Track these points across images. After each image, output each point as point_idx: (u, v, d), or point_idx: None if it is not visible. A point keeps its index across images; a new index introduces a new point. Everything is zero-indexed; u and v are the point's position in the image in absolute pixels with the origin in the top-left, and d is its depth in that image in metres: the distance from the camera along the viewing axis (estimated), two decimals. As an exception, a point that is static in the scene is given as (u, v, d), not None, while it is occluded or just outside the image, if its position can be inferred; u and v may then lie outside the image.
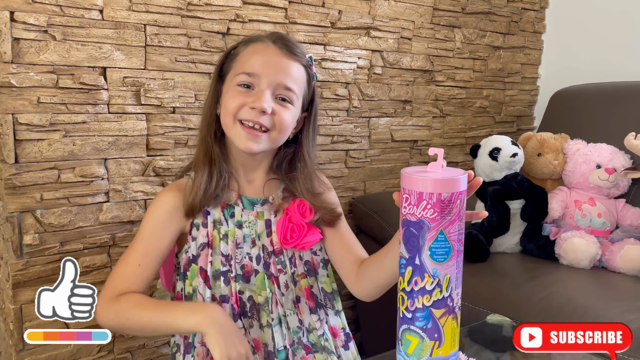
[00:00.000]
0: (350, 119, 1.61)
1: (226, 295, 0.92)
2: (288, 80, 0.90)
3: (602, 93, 1.76)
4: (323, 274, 0.99)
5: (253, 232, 0.94)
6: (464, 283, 1.29)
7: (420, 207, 0.58)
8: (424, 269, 0.59)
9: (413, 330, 0.61)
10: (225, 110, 0.90)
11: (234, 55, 0.93)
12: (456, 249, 0.60)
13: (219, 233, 0.93)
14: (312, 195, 0.96)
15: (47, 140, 1.12)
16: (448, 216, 0.58)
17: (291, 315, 0.95)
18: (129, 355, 1.29)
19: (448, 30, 1.80)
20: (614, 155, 1.51)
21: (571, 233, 1.39)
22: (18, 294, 1.13)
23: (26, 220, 1.12)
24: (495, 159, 1.46)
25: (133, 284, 0.89)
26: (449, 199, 0.57)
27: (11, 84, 1.07)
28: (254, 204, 0.96)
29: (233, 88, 0.90)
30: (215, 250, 0.92)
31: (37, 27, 1.08)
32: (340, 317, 1.01)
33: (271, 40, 0.91)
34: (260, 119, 0.88)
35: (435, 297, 0.60)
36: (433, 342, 0.61)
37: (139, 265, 0.90)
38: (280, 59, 0.90)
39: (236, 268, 0.92)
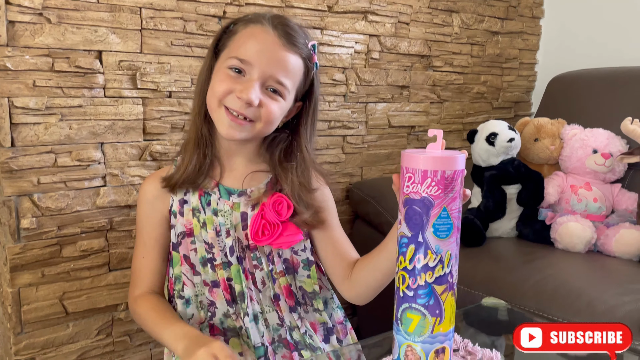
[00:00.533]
0: (347, 104, 1.61)
1: (216, 280, 0.92)
2: (281, 74, 0.85)
3: (599, 78, 1.76)
4: (303, 274, 0.95)
5: (228, 222, 0.91)
6: (460, 266, 1.30)
7: (424, 185, 0.60)
8: (428, 246, 0.61)
9: (414, 308, 0.62)
10: (211, 91, 0.86)
11: (232, 32, 0.88)
12: (456, 225, 0.61)
13: (198, 221, 0.92)
14: (305, 190, 0.91)
15: (43, 124, 1.12)
16: (450, 193, 0.60)
17: (270, 313, 0.93)
18: (127, 338, 1.30)
19: (446, 15, 1.79)
20: (610, 140, 1.52)
21: (567, 217, 1.39)
22: (16, 278, 1.14)
23: (23, 204, 1.12)
24: (492, 144, 1.46)
25: (144, 276, 0.94)
26: (452, 176, 0.59)
27: (6, 67, 1.06)
28: (231, 194, 0.92)
29: (223, 70, 0.85)
30: (197, 237, 0.92)
31: (32, 9, 1.07)
32: (320, 314, 0.97)
33: (272, 26, 0.85)
34: (246, 110, 0.84)
35: (437, 274, 0.61)
36: (435, 319, 0.62)
37: (142, 258, 0.94)
38: (277, 49, 0.84)
39: (220, 256, 0.91)
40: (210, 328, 0.93)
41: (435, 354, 0.63)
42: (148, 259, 0.94)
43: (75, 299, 1.21)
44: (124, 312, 1.28)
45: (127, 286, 1.26)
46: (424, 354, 0.63)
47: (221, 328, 0.93)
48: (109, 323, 1.27)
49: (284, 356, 0.92)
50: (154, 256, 0.94)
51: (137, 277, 0.95)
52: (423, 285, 0.61)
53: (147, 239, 0.94)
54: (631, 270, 1.24)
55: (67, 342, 1.22)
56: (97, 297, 1.24)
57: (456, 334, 0.86)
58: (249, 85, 0.83)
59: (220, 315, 0.92)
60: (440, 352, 0.63)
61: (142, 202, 0.95)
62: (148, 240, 0.94)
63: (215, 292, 0.92)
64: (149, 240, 0.94)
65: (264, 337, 0.91)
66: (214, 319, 0.93)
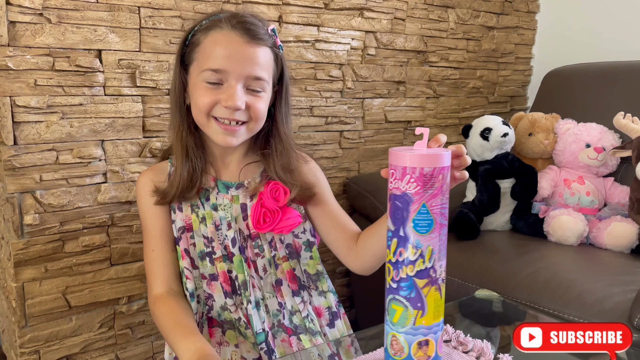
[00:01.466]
0: (344, 100, 1.63)
1: (214, 273, 0.94)
2: (257, 70, 0.87)
3: (593, 73, 1.77)
4: (306, 256, 0.99)
5: (229, 215, 0.94)
6: (454, 259, 1.33)
7: (404, 181, 0.61)
8: (408, 240, 0.62)
9: (398, 300, 0.64)
10: (196, 108, 0.88)
11: (194, 44, 0.89)
12: (438, 222, 0.63)
13: (197, 216, 0.94)
14: (287, 171, 0.94)
15: (44, 122, 1.14)
16: (430, 190, 0.61)
17: (270, 299, 0.95)
18: (129, 331, 1.33)
19: (442, 11, 1.81)
20: (603, 134, 1.54)
21: (559, 211, 1.42)
22: (20, 273, 1.16)
23: (26, 201, 1.15)
24: (486, 139, 1.48)
25: (158, 270, 0.94)
26: (431, 173, 0.61)
27: (8, 67, 1.08)
28: (229, 188, 0.96)
29: (200, 84, 0.87)
30: (196, 232, 0.94)
31: (32, 10, 1.09)
32: (325, 297, 1.01)
33: (230, 26, 0.86)
34: (235, 115, 0.87)
35: (418, 268, 0.63)
36: (416, 311, 0.64)
37: (152, 251, 0.95)
38: (244, 49, 0.86)
39: (220, 249, 0.94)
40: (208, 321, 0.96)
41: (418, 346, 0.65)
42: (158, 251, 0.94)
43: (78, 293, 1.24)
44: (125, 305, 1.31)
45: (129, 280, 1.30)
46: (407, 345, 0.65)
47: (219, 320, 0.96)
48: (111, 316, 1.30)
49: (283, 340, 0.95)
50: (163, 246, 0.95)
51: (152, 272, 0.95)
52: (405, 278, 0.63)
53: (153, 230, 0.95)
54: (622, 263, 1.27)
55: (70, 335, 1.25)
56: (99, 291, 1.27)
57: (448, 325, 0.88)
58: (232, 92, 0.86)
59: (217, 308, 0.94)
60: (423, 344, 0.65)
61: (141, 196, 0.96)
62: (154, 232, 0.95)
63: (213, 285, 0.94)
64: (155, 232, 0.95)
65: (264, 323, 0.93)
66: (211, 312, 0.95)
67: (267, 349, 0.92)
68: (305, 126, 1.56)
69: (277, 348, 0.93)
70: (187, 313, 0.90)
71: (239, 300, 0.94)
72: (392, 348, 0.66)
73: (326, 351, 0.90)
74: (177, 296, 0.93)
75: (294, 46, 1.49)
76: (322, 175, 1.03)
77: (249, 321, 0.93)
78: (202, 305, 0.95)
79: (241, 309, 0.94)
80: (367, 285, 1.59)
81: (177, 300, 0.92)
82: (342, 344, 0.93)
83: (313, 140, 1.59)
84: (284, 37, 1.46)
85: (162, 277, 0.94)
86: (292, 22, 1.47)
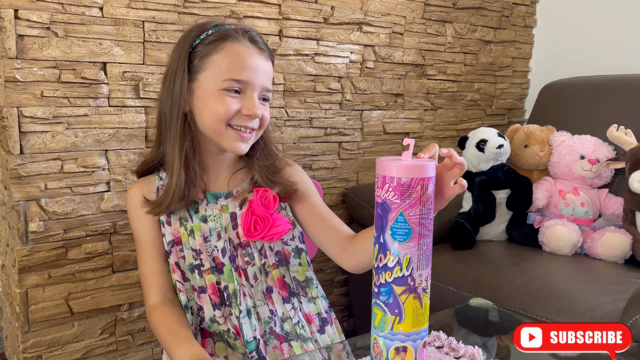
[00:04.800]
0: (343, 111, 1.66)
1: (203, 286, 0.95)
2: (268, 82, 0.92)
3: (589, 86, 1.81)
4: (295, 262, 1.00)
5: (218, 225, 0.95)
6: (450, 268, 1.35)
7: (383, 190, 0.63)
8: (387, 247, 0.64)
9: (378, 304, 0.66)
10: (214, 116, 0.89)
11: (205, 53, 0.89)
12: (417, 231, 0.64)
13: (185, 229, 0.95)
14: (271, 172, 0.97)
15: (50, 132, 1.18)
16: (407, 200, 0.62)
17: (262, 306, 0.96)
18: (130, 337, 1.35)
19: (439, 25, 1.85)
20: (597, 146, 1.57)
21: (554, 221, 1.44)
22: (24, 279, 1.19)
23: (31, 209, 1.18)
24: (481, 150, 1.51)
25: (152, 280, 0.96)
26: (409, 183, 0.62)
27: (16, 79, 1.12)
28: (218, 198, 0.97)
29: (220, 93, 0.88)
30: (185, 245, 0.95)
31: (40, 24, 1.13)
32: (315, 303, 1.01)
33: (247, 39, 0.90)
34: (252, 123, 0.90)
35: (395, 274, 0.64)
36: (394, 317, 0.65)
37: (145, 262, 0.97)
38: (262, 62, 0.91)
39: (208, 261, 0.95)
40: (201, 332, 0.97)
41: (396, 351, 0.66)
42: (150, 262, 0.96)
43: (80, 300, 1.26)
44: (126, 312, 1.34)
45: (130, 287, 1.32)
46: (385, 349, 0.66)
47: (210, 332, 0.97)
48: (112, 323, 1.32)
49: (275, 347, 0.95)
50: (155, 258, 0.97)
51: (147, 283, 0.96)
52: (384, 283, 0.65)
53: (145, 242, 0.97)
54: (614, 272, 1.29)
55: (72, 341, 1.27)
56: (101, 298, 1.29)
57: (441, 332, 0.90)
58: (252, 101, 0.89)
59: (207, 320, 0.95)
60: (400, 350, 0.66)
61: (131, 209, 0.98)
62: (145, 244, 0.97)
63: (202, 297, 0.95)
64: (147, 244, 0.97)
65: (256, 331, 0.94)
66: (203, 323, 0.96)
67: (257, 357, 0.92)
68: (305, 137, 1.59)
69: (269, 355, 0.94)
70: (182, 321, 0.92)
71: (227, 312, 0.95)
72: (374, 351, 0.68)
73: (318, 357, 0.91)
74: (172, 304, 0.95)
75: (294, 59, 1.53)
76: (306, 176, 1.04)
77: (238, 332, 0.94)
78: (195, 316, 0.96)
79: (230, 320, 0.95)
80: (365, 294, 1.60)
81: (172, 309, 0.94)
82: (333, 349, 0.94)
83: (312, 151, 1.62)
84: (284, 50, 1.50)
85: (156, 287, 0.95)
86: (292, 36, 1.51)
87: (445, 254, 1.45)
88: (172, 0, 1.29)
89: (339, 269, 1.75)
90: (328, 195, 1.69)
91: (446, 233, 1.52)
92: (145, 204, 0.94)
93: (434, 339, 0.88)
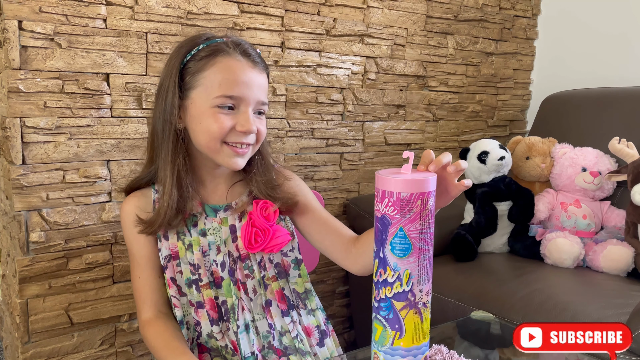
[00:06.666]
0: (344, 122, 1.67)
1: (200, 301, 0.94)
2: (263, 95, 0.90)
3: (590, 98, 1.81)
4: (294, 274, 0.98)
5: (218, 239, 0.94)
6: (451, 281, 1.35)
7: (383, 204, 0.62)
8: (386, 262, 0.63)
9: (378, 319, 0.66)
10: (208, 134, 0.87)
11: (197, 69, 0.88)
12: (417, 246, 0.63)
13: (183, 244, 0.93)
14: (270, 187, 0.95)
15: (52, 142, 1.18)
16: (407, 214, 0.62)
17: (260, 320, 0.94)
18: (130, 348, 1.35)
19: (441, 37, 1.85)
20: (599, 158, 1.56)
21: (555, 234, 1.44)
22: (24, 289, 1.19)
23: (32, 219, 1.18)
24: (483, 162, 1.51)
25: (146, 295, 0.94)
26: (408, 198, 0.61)
27: (19, 89, 1.13)
28: (217, 211, 0.95)
29: (213, 110, 0.86)
30: (183, 259, 0.94)
31: (44, 35, 1.14)
32: (314, 315, 1.00)
33: (239, 52, 0.88)
34: (247, 138, 0.89)
35: (395, 290, 0.63)
36: (394, 332, 0.65)
37: (139, 278, 0.95)
38: (255, 76, 0.88)
39: (207, 275, 0.93)
40: (198, 347, 0.96)
41: None
42: (144, 278, 0.94)
43: (80, 310, 1.26)
44: (126, 323, 1.33)
45: (130, 298, 1.32)
46: None
47: (208, 347, 0.96)
48: (112, 333, 1.32)
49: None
50: (149, 273, 0.95)
51: (140, 298, 0.95)
52: (384, 298, 0.64)
53: (139, 258, 0.95)
54: (616, 285, 1.28)
55: (72, 352, 1.27)
56: (101, 308, 1.29)
57: (442, 345, 0.90)
58: (246, 117, 0.87)
59: (204, 335, 0.94)
60: None
61: (126, 224, 0.95)
62: (140, 259, 0.95)
63: (200, 312, 0.94)
64: (141, 259, 0.95)
65: (254, 346, 0.93)
66: (200, 338, 0.95)
67: None
68: (307, 148, 1.59)
69: None
70: (177, 334, 0.91)
71: (225, 327, 0.94)
72: None
73: None
74: (166, 318, 0.94)
75: (296, 71, 1.54)
76: (305, 186, 1.03)
77: (235, 348, 0.93)
78: (192, 331, 0.95)
79: (227, 335, 0.93)
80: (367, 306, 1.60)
81: (167, 322, 0.92)
82: None
83: (314, 162, 1.62)
84: (286, 61, 1.51)
85: (149, 302, 0.94)
86: (295, 47, 1.52)
87: (446, 266, 1.45)
88: (175, 12, 1.30)
89: (340, 280, 1.75)
90: (329, 205, 1.69)
91: (447, 245, 1.52)
92: (138, 223, 0.92)
93: (436, 352, 0.88)
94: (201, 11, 1.33)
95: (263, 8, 1.44)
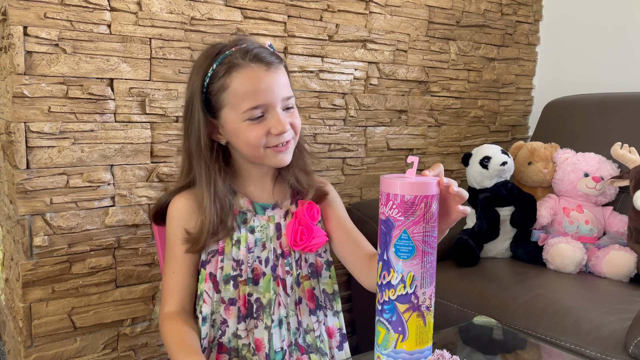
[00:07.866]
0: (347, 127, 1.67)
1: (234, 298, 0.95)
2: (285, 91, 0.92)
3: (593, 103, 1.81)
4: (326, 275, 1.02)
5: (264, 235, 0.97)
6: (453, 286, 1.35)
7: (387, 207, 0.64)
8: (390, 265, 0.64)
9: (381, 322, 0.66)
10: (249, 145, 0.91)
11: (220, 89, 0.90)
12: (421, 249, 0.64)
13: (231, 239, 0.96)
14: (304, 173, 1.00)
15: (57, 147, 1.19)
16: (411, 217, 0.63)
17: (292, 317, 0.98)
18: (132, 353, 1.35)
19: (443, 43, 1.86)
20: (601, 164, 1.56)
21: (558, 239, 1.44)
22: (27, 293, 1.19)
23: (36, 223, 1.18)
24: (485, 167, 1.51)
25: (175, 291, 0.96)
26: (412, 201, 0.62)
27: (24, 94, 1.13)
28: (265, 209, 0.99)
29: (245, 124, 0.90)
30: (227, 255, 0.96)
31: (48, 41, 1.15)
32: (338, 317, 1.03)
33: (249, 60, 0.89)
34: (285, 137, 0.92)
35: (399, 292, 0.64)
36: (397, 335, 0.65)
37: (173, 273, 0.96)
38: (271, 78, 0.90)
39: (247, 272, 0.96)
40: (218, 346, 0.97)
41: None
42: (178, 274, 0.96)
43: (83, 314, 1.26)
44: (129, 327, 1.33)
45: (133, 302, 1.32)
46: None
47: (228, 347, 0.97)
48: (115, 338, 1.32)
49: (298, 359, 0.97)
50: (184, 271, 0.96)
51: (168, 292, 0.96)
52: (387, 301, 0.65)
53: (179, 254, 0.96)
54: (619, 291, 1.28)
55: (75, 356, 1.27)
56: (104, 313, 1.29)
57: (445, 350, 0.90)
58: (277, 119, 0.90)
59: (229, 334, 0.96)
60: None
61: (173, 219, 0.97)
62: (179, 256, 0.96)
63: (230, 310, 0.95)
64: (180, 256, 0.96)
65: (284, 342, 0.96)
66: (223, 337, 0.96)
67: None
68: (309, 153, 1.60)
69: None
70: (192, 334, 0.92)
71: (252, 324, 0.96)
72: None
73: None
74: (187, 317, 0.96)
75: (299, 76, 1.54)
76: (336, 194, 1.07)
77: (257, 347, 0.95)
78: (216, 329, 0.96)
79: (252, 333, 0.95)
80: (369, 311, 1.60)
81: (186, 320, 0.94)
82: None
83: (316, 167, 1.62)
84: (289, 67, 1.51)
85: (177, 298, 0.96)
86: (297, 53, 1.52)
87: (448, 271, 1.45)
88: (179, 18, 1.30)
89: (342, 285, 1.75)
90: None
91: (450, 250, 1.52)
92: (185, 241, 0.94)
93: (438, 357, 0.88)
94: (205, 17, 1.34)
95: (266, 14, 1.45)
